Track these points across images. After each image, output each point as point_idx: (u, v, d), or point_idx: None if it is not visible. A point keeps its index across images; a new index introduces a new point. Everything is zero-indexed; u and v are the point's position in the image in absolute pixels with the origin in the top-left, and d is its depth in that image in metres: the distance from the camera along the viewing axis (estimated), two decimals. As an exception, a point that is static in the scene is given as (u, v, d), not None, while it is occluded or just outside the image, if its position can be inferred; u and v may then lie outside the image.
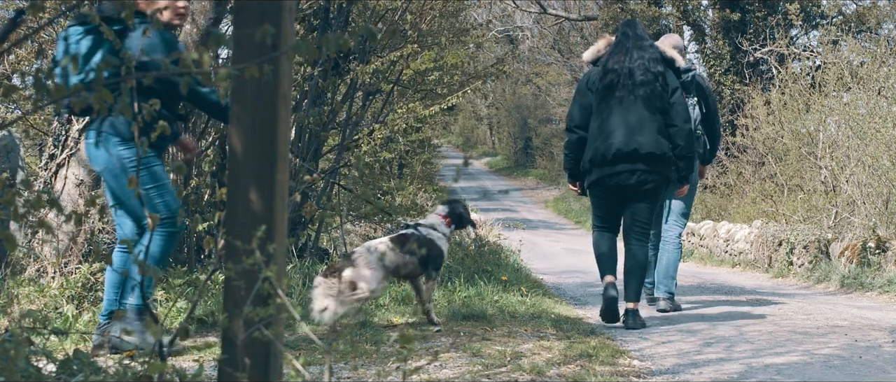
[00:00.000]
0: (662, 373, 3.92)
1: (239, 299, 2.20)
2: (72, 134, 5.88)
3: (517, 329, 4.96)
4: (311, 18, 7.22)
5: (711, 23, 20.70)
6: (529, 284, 7.25)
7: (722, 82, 19.38)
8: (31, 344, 2.45)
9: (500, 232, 11.13)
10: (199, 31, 5.68)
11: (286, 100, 2.27)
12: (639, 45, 5.32)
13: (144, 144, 2.28)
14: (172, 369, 2.28)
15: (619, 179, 5.23)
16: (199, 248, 6.30)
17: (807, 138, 12.10)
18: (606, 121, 5.27)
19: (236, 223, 2.24)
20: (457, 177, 2.94)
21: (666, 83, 5.26)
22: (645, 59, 5.26)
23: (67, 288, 5.08)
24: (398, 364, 3.67)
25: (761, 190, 14.22)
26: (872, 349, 4.54)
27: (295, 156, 6.77)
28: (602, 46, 5.50)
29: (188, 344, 4.36)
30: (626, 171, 5.20)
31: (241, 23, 2.24)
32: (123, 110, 2.10)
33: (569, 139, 5.52)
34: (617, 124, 5.22)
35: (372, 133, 7.33)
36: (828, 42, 12.88)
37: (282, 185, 2.27)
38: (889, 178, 9.49)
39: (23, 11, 2.51)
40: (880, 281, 7.76)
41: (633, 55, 5.29)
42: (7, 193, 2.12)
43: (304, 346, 4.22)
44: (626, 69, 5.25)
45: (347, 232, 9.68)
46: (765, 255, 10.66)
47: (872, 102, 10.45)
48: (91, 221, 5.52)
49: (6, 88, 2.17)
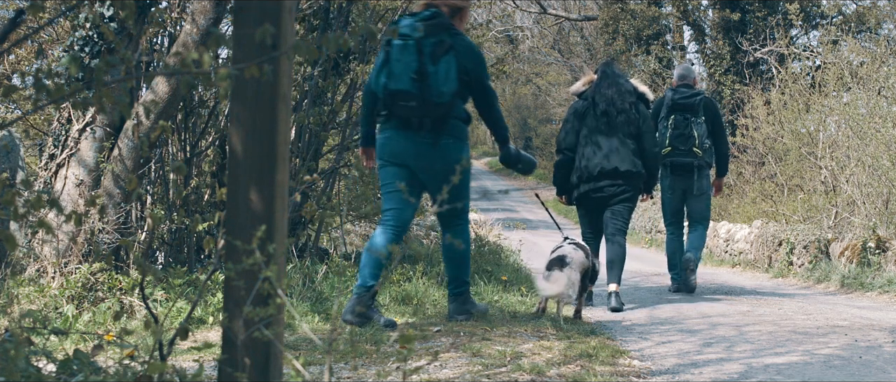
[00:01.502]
0: (662, 373, 3.92)
1: (239, 299, 2.20)
2: (72, 134, 5.89)
3: (517, 329, 4.96)
4: (311, 18, 7.22)
5: (711, 23, 20.71)
6: (529, 284, 7.25)
7: (722, 82, 19.39)
8: (31, 344, 2.45)
9: (500, 233, 11.14)
10: (199, 31, 5.68)
11: (286, 100, 2.27)
12: (616, 81, 6.36)
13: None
14: (172, 369, 2.28)
15: (603, 193, 6.31)
16: (199, 248, 6.30)
17: (807, 138, 12.10)
18: (591, 144, 6.32)
19: (236, 223, 2.24)
20: (457, 178, 2.94)
21: (638, 113, 6.29)
22: (621, 94, 6.29)
23: (67, 288, 5.08)
24: (398, 364, 3.67)
25: (761, 190, 14.23)
26: (872, 349, 4.54)
27: (295, 156, 6.77)
28: (585, 82, 6.53)
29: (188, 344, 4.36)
30: (608, 185, 6.28)
31: (241, 23, 2.24)
32: (123, 111, 2.10)
33: (559, 160, 6.53)
34: (600, 147, 6.27)
35: (372, 133, 7.32)
36: (828, 42, 12.88)
37: (282, 185, 2.27)
38: (889, 178, 9.49)
39: (23, 11, 2.51)
40: (880, 281, 7.76)
41: (611, 90, 6.30)
42: (7, 193, 2.12)
43: (304, 346, 4.22)
44: (606, 102, 6.28)
45: (347, 232, 9.68)
46: (765, 255, 10.66)
47: (872, 102, 10.45)
48: (91, 221, 5.52)
49: (6, 88, 2.17)
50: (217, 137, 6.70)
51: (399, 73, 4.67)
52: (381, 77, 4.74)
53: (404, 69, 4.66)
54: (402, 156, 4.75)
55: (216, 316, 4.96)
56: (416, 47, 4.65)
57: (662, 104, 7.23)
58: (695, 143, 7.05)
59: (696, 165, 7.15)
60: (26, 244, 5.42)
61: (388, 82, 4.70)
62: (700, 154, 7.11)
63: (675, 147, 7.09)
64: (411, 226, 9.38)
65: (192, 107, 6.62)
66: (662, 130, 7.12)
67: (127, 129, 5.78)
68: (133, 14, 2.42)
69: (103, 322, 4.87)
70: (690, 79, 7.36)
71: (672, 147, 7.10)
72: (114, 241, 5.56)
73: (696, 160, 7.13)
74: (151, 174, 6.38)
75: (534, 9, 27.61)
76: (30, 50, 7.45)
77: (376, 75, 4.78)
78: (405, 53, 4.67)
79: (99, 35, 5.75)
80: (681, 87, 7.23)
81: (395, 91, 4.68)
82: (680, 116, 7.08)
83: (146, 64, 6.35)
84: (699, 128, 7.06)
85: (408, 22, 4.78)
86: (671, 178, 7.26)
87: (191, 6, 6.03)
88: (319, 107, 6.97)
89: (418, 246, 8.39)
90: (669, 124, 7.08)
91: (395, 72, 4.69)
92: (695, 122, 7.06)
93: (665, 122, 7.11)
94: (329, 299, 5.65)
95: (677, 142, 7.08)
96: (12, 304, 4.45)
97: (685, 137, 7.05)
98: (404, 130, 4.70)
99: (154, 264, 6.11)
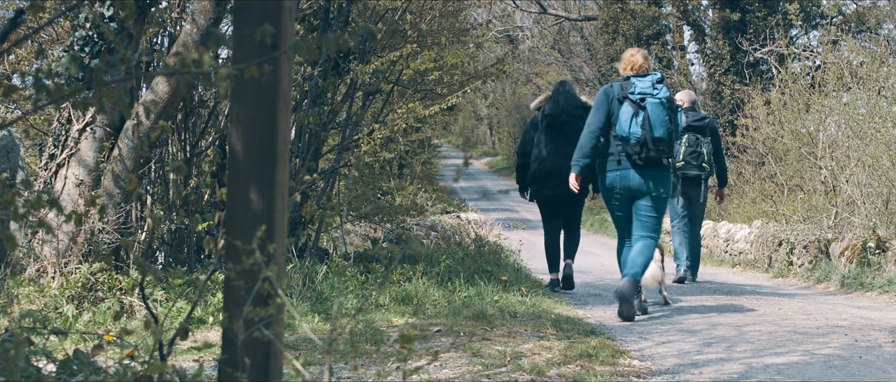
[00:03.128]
0: (662, 373, 3.92)
1: (239, 299, 2.20)
2: (72, 134, 5.89)
3: (517, 329, 4.96)
4: (311, 18, 7.21)
5: (711, 23, 20.70)
6: (529, 284, 7.25)
7: (722, 82, 19.39)
8: (31, 344, 2.45)
9: (500, 233, 11.13)
10: (199, 31, 5.68)
11: (286, 100, 2.27)
12: (567, 98, 7.44)
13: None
14: (172, 369, 2.28)
15: (552, 191, 7.35)
16: (199, 248, 6.30)
17: (807, 138, 12.08)
18: (543, 150, 7.44)
19: (236, 223, 2.24)
20: (457, 177, 2.95)
21: (584, 122, 6.58)
22: (570, 107, 7.37)
23: (67, 288, 5.08)
24: (398, 364, 3.67)
25: (761, 190, 14.22)
26: (872, 349, 4.54)
27: (295, 156, 6.77)
28: (542, 99, 7.76)
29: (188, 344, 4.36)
30: (556, 184, 7.19)
31: (241, 23, 2.24)
32: (123, 111, 2.10)
33: (519, 163, 7.78)
34: (550, 152, 7.37)
35: (372, 133, 7.32)
36: (828, 42, 12.87)
37: (282, 185, 2.27)
38: (889, 178, 9.49)
39: (23, 11, 2.51)
40: (880, 281, 7.76)
41: (562, 106, 7.40)
42: (7, 193, 2.12)
43: (304, 346, 4.22)
44: (559, 113, 7.39)
45: (347, 232, 9.68)
46: (765, 255, 10.66)
47: (872, 102, 10.45)
48: (91, 221, 5.52)
49: (6, 88, 2.17)
50: (217, 137, 6.69)
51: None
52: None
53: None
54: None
55: (216, 316, 4.96)
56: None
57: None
58: (704, 160, 8.29)
59: (703, 177, 8.36)
60: (26, 244, 5.42)
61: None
62: (707, 168, 8.32)
63: (687, 162, 8.29)
64: (411, 226, 9.39)
65: (192, 107, 6.62)
66: (676, 147, 7.81)
67: (127, 129, 5.78)
68: (133, 14, 2.42)
69: (103, 322, 4.87)
70: (697, 103, 8.60)
71: (686, 161, 8.28)
72: (114, 241, 5.56)
73: (703, 173, 8.34)
74: (151, 174, 6.38)
75: (534, 9, 27.59)
76: (30, 50, 7.44)
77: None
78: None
79: (99, 35, 5.74)
80: (689, 110, 8.30)
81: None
82: (693, 136, 8.25)
83: (146, 64, 6.34)
84: (707, 147, 8.31)
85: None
86: (682, 186, 8.37)
87: (191, 6, 6.03)
88: (319, 107, 6.97)
89: (418, 246, 8.39)
90: (683, 142, 8.25)
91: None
92: (704, 142, 8.30)
93: (679, 141, 8.14)
94: (329, 299, 5.65)
95: (690, 158, 8.28)
96: (12, 304, 4.45)
97: (697, 154, 8.28)
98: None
99: (154, 264, 6.11)
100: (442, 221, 10.68)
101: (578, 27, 29.18)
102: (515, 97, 39.72)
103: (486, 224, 11.59)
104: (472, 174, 36.06)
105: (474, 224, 11.10)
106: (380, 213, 8.79)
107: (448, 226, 10.33)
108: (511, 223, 12.73)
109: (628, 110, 5.76)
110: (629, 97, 5.79)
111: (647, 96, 5.80)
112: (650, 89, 5.82)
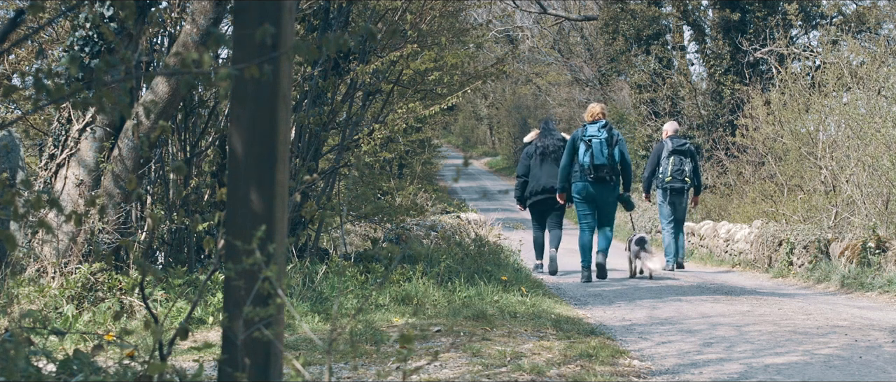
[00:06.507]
0: (662, 373, 3.92)
1: (239, 299, 2.20)
2: (72, 134, 5.89)
3: (517, 329, 4.96)
4: (311, 18, 7.22)
5: (711, 23, 20.70)
6: (529, 284, 7.25)
7: (722, 82, 19.40)
8: (31, 344, 2.45)
9: (500, 233, 11.12)
10: (199, 31, 5.68)
11: (286, 100, 2.27)
12: (551, 134, 10.17)
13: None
14: (172, 369, 2.28)
15: (543, 203, 9.97)
16: (199, 248, 6.30)
17: (807, 138, 12.08)
18: (536, 172, 10.04)
19: (236, 223, 2.24)
20: (457, 177, 2.95)
21: (563, 151, 9.33)
22: (554, 140, 10.03)
23: (67, 288, 5.08)
24: (398, 364, 3.67)
25: (761, 190, 14.22)
26: (872, 349, 4.54)
27: (295, 156, 6.77)
28: (533, 135, 10.40)
29: (188, 344, 4.36)
30: (546, 198, 9.86)
31: (241, 23, 2.24)
32: (123, 111, 2.10)
33: (518, 182, 10.33)
34: (541, 174, 9.96)
35: (372, 133, 7.32)
36: (828, 42, 12.87)
37: (282, 185, 2.27)
38: (889, 178, 9.49)
39: (23, 11, 2.51)
40: (880, 281, 7.75)
41: (548, 139, 10.07)
42: (7, 193, 2.12)
43: (304, 346, 4.22)
44: (546, 146, 10.02)
45: (347, 232, 9.68)
46: (765, 255, 10.67)
47: (872, 102, 10.45)
48: (91, 221, 5.52)
49: (6, 88, 2.17)
50: (217, 137, 6.69)
51: None
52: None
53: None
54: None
55: (216, 316, 4.96)
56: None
57: (664, 148, 10.75)
58: (686, 175, 10.66)
59: (685, 189, 10.72)
60: (26, 244, 5.42)
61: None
62: (689, 182, 10.70)
63: (674, 177, 10.63)
64: (411, 226, 9.44)
65: (192, 107, 6.61)
66: (665, 166, 10.67)
67: (127, 129, 5.78)
68: (133, 14, 2.43)
69: (103, 322, 4.87)
70: (681, 131, 11.03)
71: (672, 177, 10.63)
72: (114, 241, 5.56)
73: (685, 186, 10.69)
74: (151, 174, 6.38)
75: (534, 9, 27.60)
76: (30, 50, 7.44)
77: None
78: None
79: (99, 35, 5.74)
80: (674, 138, 10.76)
81: None
82: (677, 158, 10.63)
83: (146, 64, 6.34)
84: (689, 165, 10.69)
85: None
86: (669, 196, 10.71)
87: (191, 6, 6.03)
88: (319, 107, 6.97)
89: (418, 246, 8.39)
90: (670, 162, 10.61)
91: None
92: (686, 162, 10.66)
93: (667, 161, 10.65)
94: (329, 299, 5.65)
95: (676, 175, 10.63)
96: (12, 304, 4.45)
97: (681, 172, 10.64)
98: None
99: (154, 264, 6.11)
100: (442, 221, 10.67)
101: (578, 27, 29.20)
102: (515, 97, 39.73)
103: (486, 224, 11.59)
104: (472, 174, 36.07)
105: (474, 224, 11.09)
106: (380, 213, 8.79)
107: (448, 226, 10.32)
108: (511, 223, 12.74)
109: (583, 147, 8.72)
110: (583, 139, 8.72)
111: (594, 138, 8.69)
112: (597, 132, 8.72)
